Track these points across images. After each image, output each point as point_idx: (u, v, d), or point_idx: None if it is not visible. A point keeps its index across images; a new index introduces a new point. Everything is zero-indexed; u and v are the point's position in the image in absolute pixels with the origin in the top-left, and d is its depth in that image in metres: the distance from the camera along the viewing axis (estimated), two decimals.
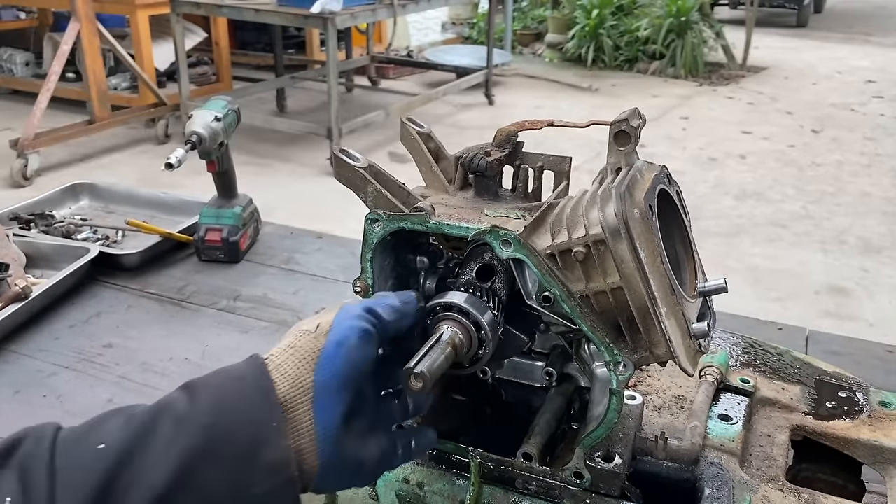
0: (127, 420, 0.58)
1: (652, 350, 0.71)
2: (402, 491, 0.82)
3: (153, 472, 0.55)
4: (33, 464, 0.54)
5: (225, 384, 0.61)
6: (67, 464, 0.55)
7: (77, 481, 0.54)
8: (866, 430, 0.91)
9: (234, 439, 0.58)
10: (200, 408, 0.59)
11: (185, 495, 0.56)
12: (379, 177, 0.78)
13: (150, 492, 0.54)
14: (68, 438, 0.57)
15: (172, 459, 0.56)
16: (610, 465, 0.78)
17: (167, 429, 0.57)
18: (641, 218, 0.70)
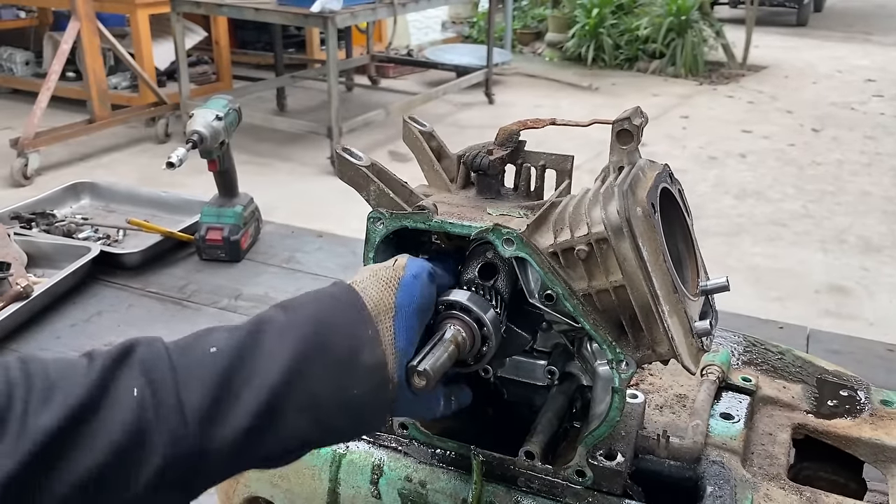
0: (229, 331, 0.63)
1: (654, 348, 0.71)
2: (405, 489, 0.83)
3: (266, 372, 0.60)
4: (154, 362, 0.58)
5: (319, 301, 0.67)
6: (185, 363, 0.59)
7: (196, 377, 0.59)
8: (868, 428, 0.91)
9: (334, 346, 0.64)
10: (300, 320, 0.64)
11: (295, 394, 0.61)
12: (381, 175, 0.79)
13: (265, 389, 0.59)
14: (178, 345, 0.61)
15: (282, 361, 0.61)
16: (612, 464, 0.78)
17: (272, 338, 0.62)
18: (644, 216, 0.70)
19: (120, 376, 0.56)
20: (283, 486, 0.88)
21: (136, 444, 0.54)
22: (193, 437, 0.56)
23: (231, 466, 0.61)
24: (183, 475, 0.56)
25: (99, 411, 0.54)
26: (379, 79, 6.96)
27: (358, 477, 0.84)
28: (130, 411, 0.55)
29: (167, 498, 0.57)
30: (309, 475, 0.86)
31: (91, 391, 0.55)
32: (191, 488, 0.59)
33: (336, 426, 0.64)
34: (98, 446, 0.53)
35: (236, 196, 2.01)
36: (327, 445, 0.72)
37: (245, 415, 0.58)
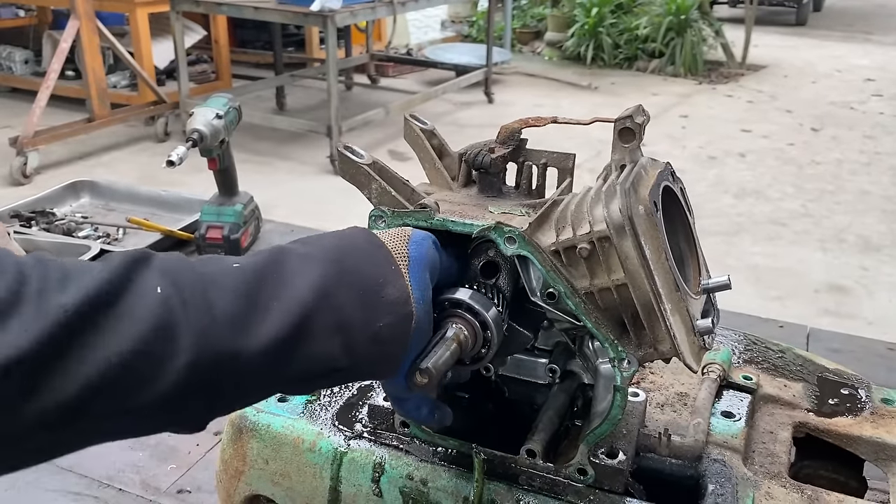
0: (247, 255, 0.62)
1: (656, 346, 0.71)
2: (406, 487, 0.83)
3: (295, 289, 0.59)
4: (176, 267, 0.56)
5: (339, 236, 0.67)
6: (209, 271, 0.58)
7: (222, 285, 0.57)
8: (868, 426, 0.92)
9: (360, 275, 0.63)
10: (322, 249, 0.64)
11: (324, 314, 0.60)
12: (383, 173, 0.79)
13: (296, 303, 0.59)
14: (198, 258, 0.60)
15: (311, 281, 0.60)
16: (614, 462, 0.78)
17: (296, 261, 0.62)
18: (646, 215, 0.70)
19: (141, 273, 0.54)
20: (284, 485, 0.88)
21: (163, 337, 0.52)
22: (221, 340, 0.54)
23: (259, 381, 0.59)
24: (212, 378, 0.54)
25: (121, 300, 0.52)
26: (378, 78, 6.96)
27: (359, 475, 0.84)
28: (155, 305, 0.52)
29: (193, 403, 0.55)
30: (310, 473, 0.86)
31: (112, 280, 0.52)
32: (218, 396, 0.57)
33: (363, 357, 0.63)
34: (122, 333, 0.50)
35: (236, 195, 2.01)
36: (349, 381, 0.70)
37: (277, 325, 0.57)
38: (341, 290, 0.61)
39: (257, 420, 0.89)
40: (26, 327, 0.47)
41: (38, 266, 0.51)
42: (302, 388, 0.65)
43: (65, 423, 0.49)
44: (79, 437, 0.52)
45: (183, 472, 1.23)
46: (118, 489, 1.19)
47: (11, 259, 0.51)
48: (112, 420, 0.52)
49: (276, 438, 0.88)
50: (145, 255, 0.56)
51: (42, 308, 0.48)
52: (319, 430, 0.87)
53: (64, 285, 0.50)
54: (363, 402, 0.91)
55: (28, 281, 0.49)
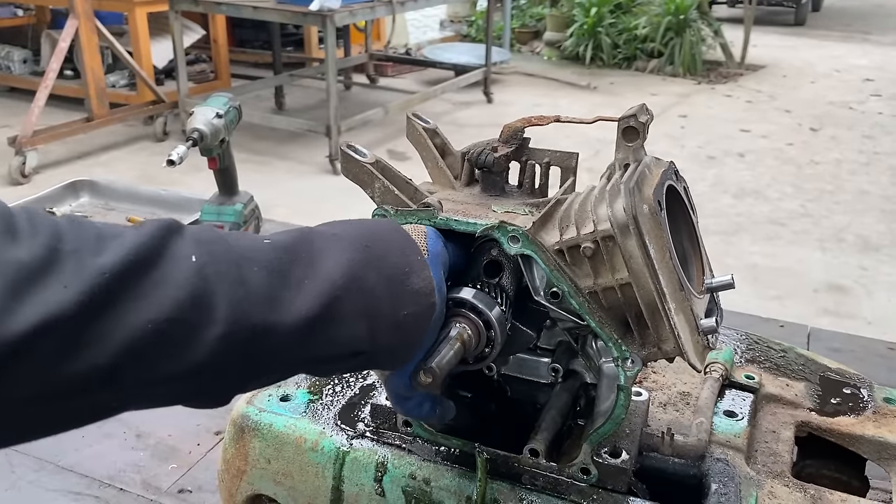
0: (276, 233, 0.62)
1: (660, 346, 0.71)
2: (409, 487, 0.82)
3: (326, 269, 0.59)
4: (209, 237, 0.56)
5: (366, 223, 0.67)
6: (241, 245, 0.57)
7: (255, 260, 0.57)
8: (871, 426, 0.92)
9: (387, 261, 0.64)
10: (351, 234, 0.64)
11: (354, 296, 0.60)
12: (386, 172, 0.78)
13: (328, 283, 0.59)
14: (230, 231, 0.59)
15: (341, 262, 0.60)
16: (617, 461, 0.78)
17: (325, 242, 0.62)
18: (650, 214, 0.70)
19: (175, 241, 0.54)
20: (286, 484, 0.88)
21: (199, 306, 0.51)
22: (256, 314, 0.54)
23: (287, 357, 0.59)
24: (244, 351, 0.54)
25: (157, 266, 0.51)
26: (377, 77, 6.95)
27: (362, 474, 0.84)
28: (191, 273, 0.52)
29: (223, 375, 0.55)
30: (312, 473, 0.86)
31: (148, 245, 0.51)
32: (247, 370, 0.56)
33: (384, 343, 0.63)
34: (159, 299, 0.50)
35: (236, 194, 2.01)
36: (364, 368, 0.71)
37: (307, 304, 0.57)
38: (370, 275, 0.61)
39: (259, 419, 0.89)
40: (66, 285, 0.46)
41: (74, 226, 0.50)
42: (322, 370, 0.66)
43: (100, 385, 0.49)
44: (112, 401, 0.52)
45: (184, 471, 1.23)
46: (119, 489, 1.19)
47: (45, 218, 0.50)
48: (144, 387, 0.52)
49: (278, 438, 0.87)
50: (177, 224, 0.55)
51: (80, 268, 0.48)
52: (322, 430, 0.87)
53: (100, 247, 0.50)
54: (365, 402, 0.91)
55: (65, 240, 0.49)
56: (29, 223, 0.49)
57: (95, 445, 1.27)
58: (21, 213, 0.50)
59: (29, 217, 0.50)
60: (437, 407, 0.76)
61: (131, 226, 0.54)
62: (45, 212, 0.55)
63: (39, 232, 0.48)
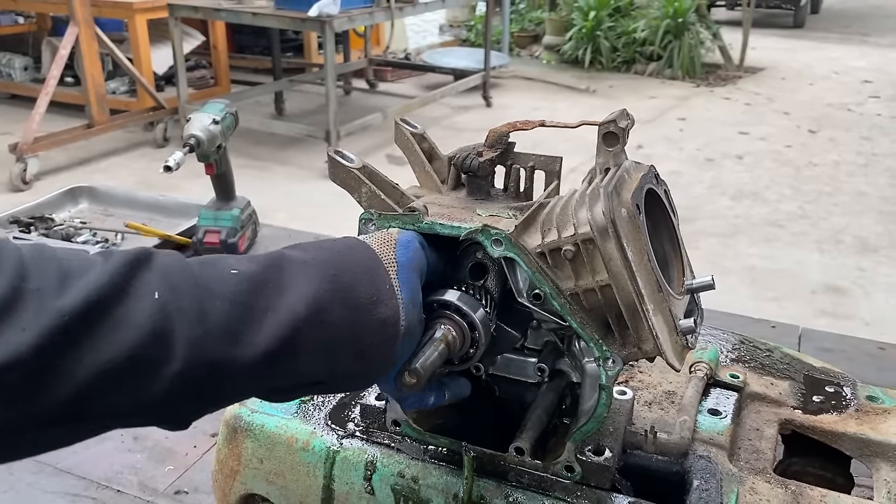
0: (247, 259, 0.63)
1: (640, 346, 0.73)
2: (398, 485, 0.84)
3: (290, 302, 0.60)
4: (176, 270, 0.57)
5: (336, 247, 0.67)
6: (207, 275, 0.58)
7: (219, 293, 0.57)
8: (853, 423, 0.93)
9: (355, 292, 0.64)
10: (320, 259, 0.64)
11: (315, 330, 0.60)
12: (373, 177, 0.80)
13: (290, 317, 0.59)
14: (197, 259, 0.60)
15: (306, 294, 0.61)
16: (600, 459, 0.79)
17: (295, 270, 0.62)
18: (629, 217, 0.72)
19: (140, 277, 0.54)
20: (278, 483, 0.89)
21: (158, 344, 0.53)
22: (214, 350, 0.55)
23: (244, 388, 0.61)
24: (201, 385, 0.56)
25: (119, 305, 0.52)
26: (377, 82, 6.98)
27: (352, 473, 0.86)
28: (152, 312, 0.53)
29: (180, 406, 0.56)
30: (304, 472, 0.88)
31: (111, 284, 0.52)
32: (204, 400, 0.58)
33: (344, 373, 0.65)
34: (119, 339, 0.51)
35: (233, 199, 2.03)
36: (327, 393, 0.72)
37: (267, 338, 0.58)
38: (335, 307, 0.62)
39: (252, 420, 0.91)
40: (24, 328, 0.48)
41: (38, 261, 0.51)
42: (282, 397, 0.66)
43: (55, 423, 0.51)
44: (69, 434, 0.54)
45: (180, 473, 1.25)
46: (116, 490, 1.21)
47: (13, 251, 0.51)
48: (101, 420, 0.54)
49: (270, 438, 0.89)
50: (146, 255, 0.56)
51: (40, 310, 0.49)
52: (313, 430, 0.89)
53: (63, 287, 0.50)
54: (355, 402, 0.93)
55: (28, 277, 0.50)
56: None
57: (93, 448, 1.29)
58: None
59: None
60: (445, 391, 0.77)
61: (100, 258, 0.55)
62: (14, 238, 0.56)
63: (4, 269, 0.49)
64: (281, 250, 0.65)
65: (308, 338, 0.60)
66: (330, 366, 0.63)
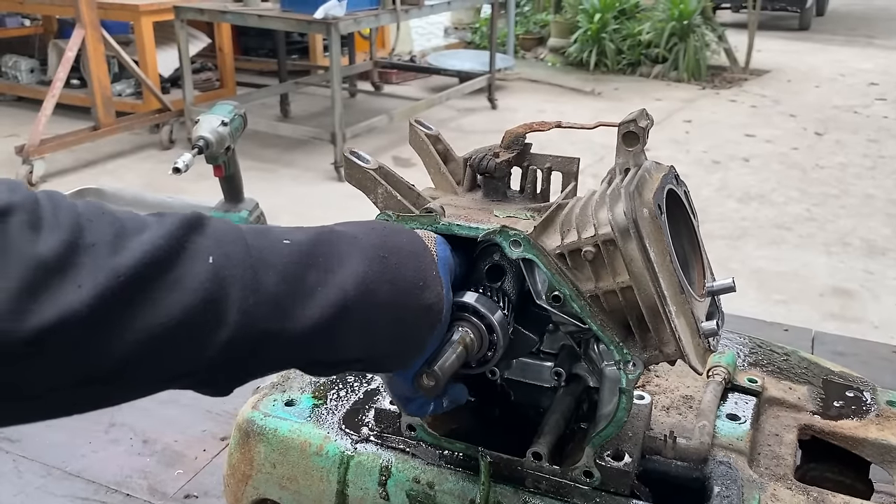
0: (299, 230, 0.62)
1: (661, 349, 0.71)
2: (413, 490, 0.83)
3: (341, 278, 0.60)
4: (229, 237, 0.56)
5: (387, 230, 0.67)
6: (260, 245, 0.58)
7: (271, 263, 0.57)
8: (874, 429, 0.92)
9: (403, 275, 0.64)
10: (371, 239, 0.64)
11: (363, 308, 0.60)
12: (389, 178, 0.79)
13: (340, 293, 0.59)
14: (250, 227, 0.60)
15: (357, 271, 0.61)
16: (620, 464, 0.78)
17: (346, 246, 0.62)
18: (651, 217, 0.70)
19: (195, 240, 0.54)
20: (291, 488, 0.88)
21: (211, 310, 0.52)
22: (264, 320, 0.55)
23: (289, 359, 0.61)
24: (249, 353, 0.55)
25: (174, 268, 0.52)
26: (382, 85, 6.99)
27: (366, 478, 0.85)
28: (206, 277, 0.52)
29: (226, 372, 0.56)
30: (317, 477, 0.87)
31: (166, 246, 0.52)
32: (250, 368, 0.58)
33: (383, 353, 0.65)
34: (173, 302, 0.50)
35: (242, 201, 2.02)
36: (362, 371, 0.73)
37: (318, 312, 0.58)
38: (383, 287, 0.62)
39: (264, 424, 0.90)
40: (80, 284, 0.47)
41: (93, 217, 0.51)
42: (323, 371, 0.67)
43: (106, 381, 0.50)
44: (117, 393, 0.53)
45: (190, 477, 1.23)
46: (126, 494, 1.20)
47: (68, 208, 0.51)
48: (150, 383, 0.54)
49: (283, 442, 0.88)
50: (200, 219, 0.56)
51: (96, 268, 0.48)
52: (326, 434, 0.87)
53: (118, 245, 0.50)
54: (369, 406, 0.92)
55: (84, 234, 0.49)
56: (52, 214, 0.49)
57: (102, 451, 1.28)
58: (46, 202, 0.50)
59: (53, 206, 0.50)
60: (444, 400, 0.77)
61: (154, 219, 0.54)
62: (69, 196, 0.55)
63: (60, 224, 0.49)
64: (330, 225, 0.65)
65: (355, 315, 0.60)
66: (372, 344, 0.63)
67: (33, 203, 0.49)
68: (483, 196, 0.85)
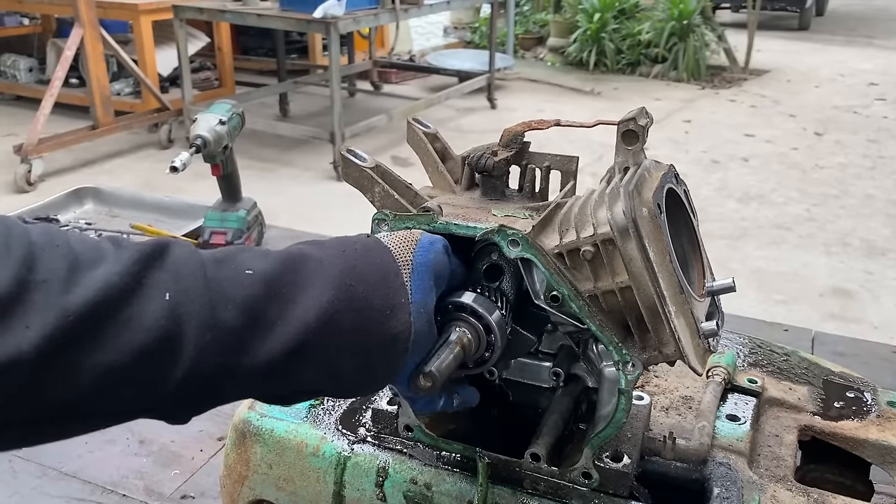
0: (263, 256, 0.61)
1: (661, 349, 0.71)
2: (410, 492, 0.82)
3: (303, 311, 0.58)
4: (188, 271, 0.55)
5: (357, 252, 0.65)
6: (220, 277, 0.56)
7: (231, 297, 0.56)
8: (874, 430, 0.91)
9: (369, 303, 0.62)
10: (337, 265, 0.62)
11: (324, 341, 0.59)
12: (386, 177, 0.79)
13: (301, 328, 0.58)
14: (213, 256, 0.58)
15: (319, 304, 0.59)
16: (619, 465, 0.77)
17: (309, 275, 0.60)
18: (650, 217, 0.70)
19: (152, 275, 0.53)
20: (287, 489, 0.88)
21: (165, 349, 0.51)
22: (221, 355, 0.54)
23: (247, 392, 0.60)
24: (205, 388, 0.55)
25: (128, 306, 0.50)
26: (381, 84, 6.97)
27: (363, 479, 0.84)
28: (162, 315, 0.51)
29: (181, 406, 0.56)
30: (314, 478, 0.86)
31: (120, 283, 0.50)
32: (207, 402, 0.57)
33: (348, 382, 0.64)
34: (126, 341, 0.49)
35: (240, 200, 2.01)
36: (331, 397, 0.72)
37: (275, 349, 0.57)
38: (347, 317, 0.60)
39: (261, 425, 0.89)
40: (28, 325, 0.46)
41: (47, 249, 0.49)
42: (282, 402, 0.65)
43: (57, 420, 0.49)
44: (69, 431, 0.53)
45: (186, 477, 1.23)
46: (122, 495, 1.19)
47: (22, 236, 0.49)
48: (103, 418, 0.53)
49: (279, 443, 0.87)
50: (160, 251, 0.54)
51: (46, 307, 0.47)
52: (323, 435, 0.87)
53: (70, 281, 0.48)
54: (366, 407, 0.91)
55: (35, 268, 0.48)
56: (4, 245, 0.48)
57: (98, 452, 1.28)
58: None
59: (5, 237, 0.49)
60: (454, 397, 0.76)
61: (112, 249, 0.53)
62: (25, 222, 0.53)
63: (12, 255, 0.47)
64: (300, 247, 0.64)
65: (315, 349, 0.59)
66: (334, 375, 0.62)
67: None
68: (481, 195, 0.85)
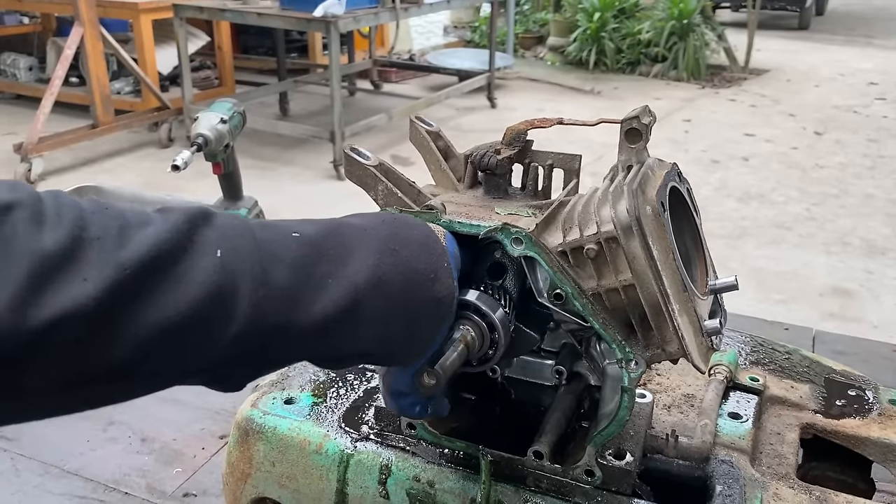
0: (308, 222, 0.61)
1: (664, 347, 0.71)
2: (413, 489, 0.82)
3: (351, 270, 0.59)
4: (237, 230, 0.55)
5: (398, 222, 0.66)
6: (268, 238, 0.56)
7: (280, 256, 0.56)
8: (876, 427, 0.91)
9: (414, 266, 0.63)
10: (382, 233, 0.63)
11: (373, 301, 0.59)
12: (389, 175, 0.79)
13: (352, 286, 0.58)
14: (258, 221, 0.58)
15: (368, 264, 0.59)
16: (621, 463, 0.77)
17: (355, 238, 0.61)
18: (654, 215, 0.70)
19: (202, 233, 0.52)
20: (290, 487, 0.88)
21: (219, 304, 0.51)
22: (275, 313, 0.54)
23: (300, 352, 0.60)
24: (259, 347, 0.54)
25: (181, 261, 0.50)
26: (381, 83, 6.97)
27: (366, 477, 0.84)
28: (214, 270, 0.51)
29: (238, 368, 0.56)
30: (317, 475, 0.86)
31: (173, 239, 0.50)
32: (262, 363, 0.57)
33: (394, 346, 0.64)
34: (181, 296, 0.49)
35: (241, 199, 2.02)
36: (374, 364, 0.71)
37: (329, 304, 0.57)
38: (395, 279, 0.61)
39: (263, 422, 0.89)
40: (86, 278, 0.46)
41: (97, 212, 0.50)
42: (332, 365, 0.67)
43: (114, 377, 0.49)
44: (124, 392, 0.52)
45: (189, 475, 1.23)
46: (124, 493, 1.19)
47: (71, 204, 0.50)
48: (158, 379, 0.52)
49: (282, 441, 0.88)
50: (206, 213, 0.54)
51: (101, 261, 0.47)
52: (326, 432, 0.87)
53: (123, 238, 0.49)
54: (369, 404, 0.91)
55: (88, 227, 0.48)
56: (55, 209, 0.48)
57: (100, 450, 1.28)
58: (49, 199, 0.49)
59: (56, 203, 0.49)
60: (430, 406, 0.76)
61: (158, 214, 0.53)
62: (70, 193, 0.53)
63: (64, 219, 0.48)
64: (339, 218, 0.64)
65: (367, 308, 0.59)
66: (384, 337, 0.62)
67: (36, 199, 0.48)
68: (484, 193, 0.85)
